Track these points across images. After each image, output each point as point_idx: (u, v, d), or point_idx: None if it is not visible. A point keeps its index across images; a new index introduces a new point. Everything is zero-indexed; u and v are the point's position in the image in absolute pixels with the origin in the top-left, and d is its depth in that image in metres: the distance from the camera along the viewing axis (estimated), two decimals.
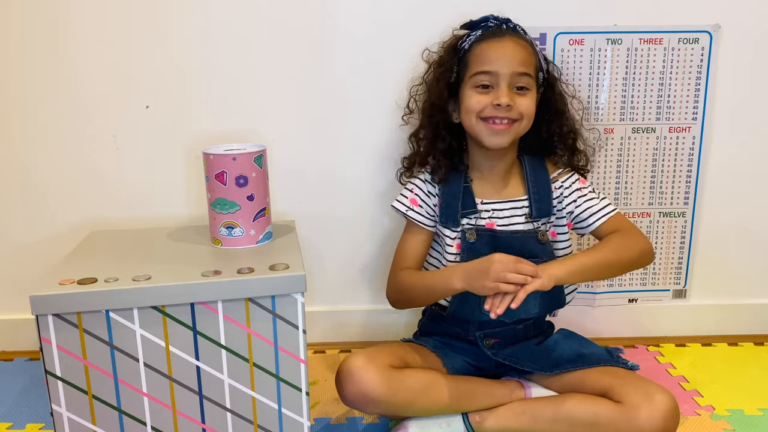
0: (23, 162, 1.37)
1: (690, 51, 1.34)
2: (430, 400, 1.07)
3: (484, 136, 1.12)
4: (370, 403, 1.05)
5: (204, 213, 1.13)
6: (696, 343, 1.48)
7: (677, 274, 1.47)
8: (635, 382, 1.06)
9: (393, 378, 1.05)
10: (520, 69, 1.10)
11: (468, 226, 1.17)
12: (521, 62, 1.10)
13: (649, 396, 1.01)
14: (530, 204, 1.18)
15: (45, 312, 0.89)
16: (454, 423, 1.09)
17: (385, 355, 1.08)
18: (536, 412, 1.08)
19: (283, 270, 0.95)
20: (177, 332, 0.93)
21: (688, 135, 1.39)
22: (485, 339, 1.17)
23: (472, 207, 1.17)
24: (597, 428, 1.03)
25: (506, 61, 1.10)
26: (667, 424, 1.00)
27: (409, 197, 1.20)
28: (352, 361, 1.05)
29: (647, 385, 1.04)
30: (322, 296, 1.47)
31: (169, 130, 1.35)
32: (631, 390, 1.03)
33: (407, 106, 1.28)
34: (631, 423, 1.00)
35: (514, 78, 1.10)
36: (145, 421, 0.95)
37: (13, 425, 1.18)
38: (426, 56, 1.27)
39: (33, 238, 1.40)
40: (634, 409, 1.00)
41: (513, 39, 1.12)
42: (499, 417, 1.10)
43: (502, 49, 1.11)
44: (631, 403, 1.01)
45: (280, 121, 1.36)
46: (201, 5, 1.30)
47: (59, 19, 1.29)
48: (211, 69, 1.33)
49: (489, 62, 1.11)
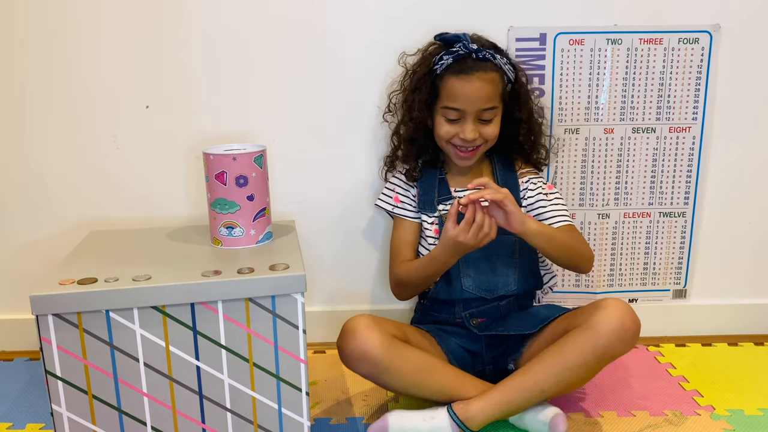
0: (23, 162, 1.37)
1: (690, 51, 1.34)
2: (422, 380, 1.10)
3: (453, 157, 1.23)
4: (368, 363, 1.07)
5: (204, 213, 1.13)
6: (696, 343, 1.48)
7: (677, 274, 1.47)
8: (583, 308, 1.12)
9: (394, 346, 1.09)
10: (486, 105, 1.17)
11: (444, 212, 1.22)
12: (487, 99, 1.17)
13: (596, 305, 1.09)
14: None
15: (45, 312, 0.89)
16: (439, 415, 1.08)
17: (390, 325, 1.13)
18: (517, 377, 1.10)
19: (283, 270, 0.95)
20: (177, 332, 0.93)
21: (688, 135, 1.39)
22: (472, 319, 1.22)
23: (447, 194, 1.25)
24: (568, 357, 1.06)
25: (472, 101, 1.16)
26: (621, 318, 1.05)
27: (392, 196, 1.30)
28: (358, 320, 1.10)
29: (595, 301, 1.10)
30: (322, 296, 1.47)
31: (169, 130, 1.35)
32: (581, 312, 1.11)
33: (387, 108, 1.32)
34: (590, 333, 1.05)
35: (479, 113, 1.18)
36: (145, 421, 0.95)
37: (13, 425, 1.18)
38: (402, 61, 1.29)
39: (33, 238, 1.40)
40: (588, 320, 1.07)
41: (480, 76, 1.16)
42: (484, 398, 1.09)
43: (469, 90, 1.16)
44: (584, 318, 1.08)
45: (280, 121, 1.36)
46: (201, 5, 1.30)
47: (60, 19, 1.29)
48: (211, 69, 1.33)
49: (456, 100, 1.17)
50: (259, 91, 1.35)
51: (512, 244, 1.22)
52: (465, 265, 1.21)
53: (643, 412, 1.20)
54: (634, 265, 1.46)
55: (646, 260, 1.46)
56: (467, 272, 1.21)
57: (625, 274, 1.47)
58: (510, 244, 1.21)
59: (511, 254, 1.22)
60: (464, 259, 1.18)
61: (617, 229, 1.44)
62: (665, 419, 1.18)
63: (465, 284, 1.21)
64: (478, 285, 1.21)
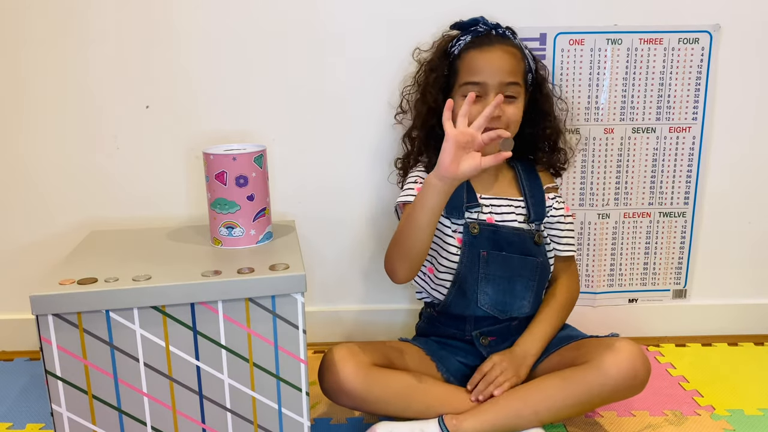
0: (23, 162, 1.37)
1: (690, 51, 1.34)
2: (406, 403, 1.07)
3: None
4: (344, 396, 1.06)
5: (204, 213, 1.13)
6: (696, 343, 1.48)
7: (677, 274, 1.47)
8: (597, 341, 1.10)
9: (370, 375, 1.06)
10: (509, 79, 1.12)
11: (470, 219, 1.17)
12: (510, 72, 1.12)
13: (609, 346, 1.05)
14: (527, 206, 1.19)
15: (45, 312, 0.89)
16: (429, 428, 1.05)
17: (369, 353, 1.09)
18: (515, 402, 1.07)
19: (283, 270, 0.95)
20: (177, 332, 0.93)
21: (688, 135, 1.39)
22: (481, 337, 1.18)
23: (474, 200, 1.17)
24: (572, 393, 1.04)
25: (495, 71, 1.11)
26: (633, 364, 1.03)
27: (415, 188, 1.17)
28: (334, 352, 1.08)
29: (608, 340, 1.07)
30: (322, 296, 1.47)
31: (169, 130, 1.35)
32: (594, 348, 1.07)
33: (399, 106, 1.30)
34: (599, 374, 1.03)
35: (502, 87, 1.11)
36: (145, 421, 0.95)
37: (13, 425, 1.18)
38: (417, 56, 1.27)
39: (33, 238, 1.40)
40: (599, 360, 1.04)
41: (502, 47, 1.13)
42: (477, 416, 1.06)
43: (491, 59, 1.12)
44: (594, 357, 1.05)
45: (280, 121, 1.36)
46: (201, 5, 1.30)
47: (60, 20, 1.29)
48: (211, 69, 1.33)
49: (478, 73, 1.12)
50: (259, 91, 1.35)
51: (535, 267, 1.18)
52: (485, 282, 1.16)
53: (643, 412, 1.20)
54: (634, 265, 1.46)
55: (646, 260, 1.46)
56: (485, 289, 1.16)
57: (625, 274, 1.47)
58: (533, 267, 1.18)
59: (532, 276, 1.18)
60: (485, 276, 1.15)
61: (617, 229, 1.44)
62: (665, 419, 1.18)
63: (481, 301, 1.16)
64: (494, 304, 1.17)
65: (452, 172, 1.00)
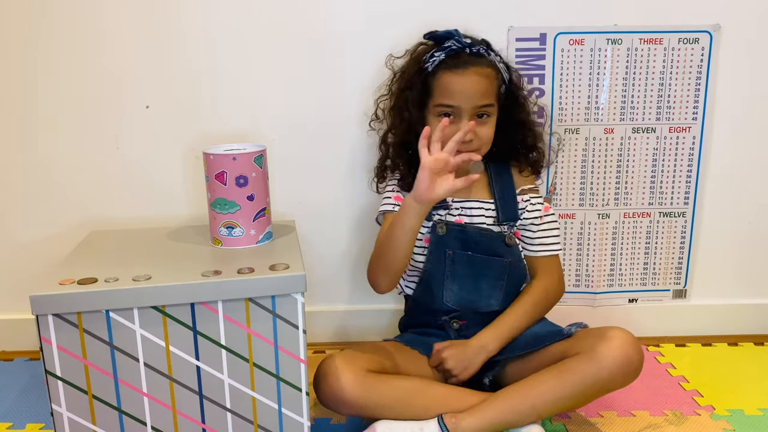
0: (23, 162, 1.37)
1: (690, 51, 1.34)
2: (404, 407, 1.07)
3: None
4: (344, 406, 1.06)
5: (204, 213, 1.13)
6: (696, 343, 1.48)
7: (677, 274, 1.47)
8: (587, 332, 1.10)
9: (367, 382, 1.05)
10: (482, 102, 1.12)
11: (438, 219, 1.19)
12: (483, 95, 1.12)
13: (601, 334, 1.06)
14: (497, 208, 1.20)
15: (45, 312, 0.89)
16: (428, 427, 1.05)
17: (363, 359, 1.09)
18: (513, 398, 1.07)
19: (283, 270, 0.95)
20: (177, 332, 0.93)
21: (688, 135, 1.39)
22: (452, 321, 1.20)
23: (443, 202, 1.18)
24: (568, 384, 1.04)
25: (468, 97, 1.12)
26: (626, 351, 1.03)
27: (393, 196, 1.22)
28: (329, 362, 1.06)
29: (599, 329, 1.08)
30: (322, 296, 1.47)
31: (169, 130, 1.35)
32: (584, 339, 1.08)
33: (374, 114, 1.29)
34: (593, 364, 1.03)
35: (475, 110, 1.13)
36: (145, 421, 0.95)
37: (13, 425, 1.18)
38: (390, 64, 1.27)
39: (33, 238, 1.40)
40: (591, 350, 1.04)
41: (475, 70, 1.13)
42: (476, 414, 1.06)
43: (464, 84, 1.12)
44: (587, 348, 1.05)
45: (280, 121, 1.36)
46: (201, 5, 1.30)
47: (60, 20, 1.29)
48: (212, 69, 1.33)
49: (451, 97, 1.12)
50: (259, 91, 1.35)
51: (502, 267, 1.19)
52: (450, 279, 1.18)
53: (643, 412, 1.20)
54: (634, 265, 1.46)
55: (646, 260, 1.46)
56: (451, 287, 1.18)
57: (625, 274, 1.47)
58: (500, 267, 1.19)
59: (499, 276, 1.19)
60: (450, 274, 1.17)
61: (617, 229, 1.44)
62: (665, 419, 1.18)
63: (446, 297, 1.19)
64: (459, 301, 1.19)
65: (428, 197, 1.05)
